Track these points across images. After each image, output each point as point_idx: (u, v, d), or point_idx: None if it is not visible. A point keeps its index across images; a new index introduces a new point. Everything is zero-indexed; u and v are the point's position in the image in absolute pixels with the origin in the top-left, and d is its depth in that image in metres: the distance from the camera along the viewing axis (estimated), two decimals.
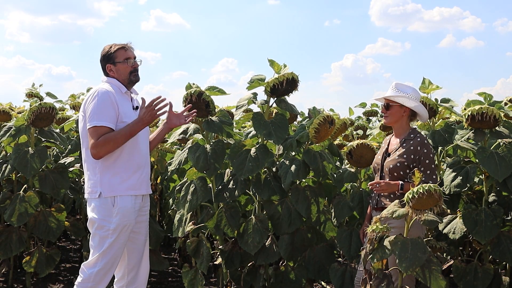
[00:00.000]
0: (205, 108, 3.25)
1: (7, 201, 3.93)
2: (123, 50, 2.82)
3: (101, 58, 2.85)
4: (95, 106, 2.66)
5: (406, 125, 2.93)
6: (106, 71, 2.83)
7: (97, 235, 2.71)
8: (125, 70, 2.82)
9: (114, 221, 2.68)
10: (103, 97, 2.67)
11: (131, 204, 2.74)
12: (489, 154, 3.08)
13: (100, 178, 2.70)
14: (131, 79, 2.85)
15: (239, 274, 3.47)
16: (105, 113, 2.66)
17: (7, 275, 4.33)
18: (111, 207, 2.69)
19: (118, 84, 2.81)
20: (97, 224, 2.70)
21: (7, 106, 4.87)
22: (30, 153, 3.83)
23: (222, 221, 3.31)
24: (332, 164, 3.37)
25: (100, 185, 2.70)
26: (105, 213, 2.69)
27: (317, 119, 3.22)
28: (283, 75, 3.18)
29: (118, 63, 2.80)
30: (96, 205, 2.71)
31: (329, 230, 3.40)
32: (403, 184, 2.74)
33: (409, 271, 2.33)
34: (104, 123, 2.64)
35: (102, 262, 2.70)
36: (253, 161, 3.23)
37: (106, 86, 2.75)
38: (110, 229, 2.68)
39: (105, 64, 2.83)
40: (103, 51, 2.83)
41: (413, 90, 2.91)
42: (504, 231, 3.20)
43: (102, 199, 2.69)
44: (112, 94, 2.70)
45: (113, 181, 2.70)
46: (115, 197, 2.69)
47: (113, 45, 2.83)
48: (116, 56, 2.80)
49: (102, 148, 2.64)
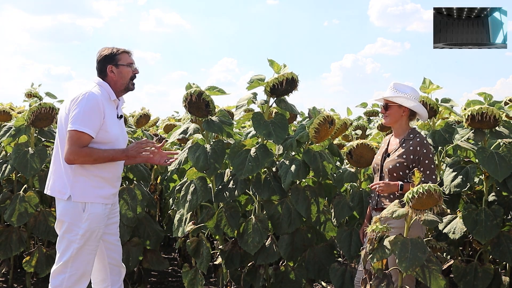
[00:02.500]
0: (205, 108, 3.26)
1: (7, 201, 3.93)
2: (127, 55, 2.79)
3: (101, 58, 2.76)
4: (81, 110, 2.58)
5: (406, 125, 2.93)
6: (106, 72, 2.75)
7: (65, 238, 2.64)
8: (127, 74, 2.77)
9: (83, 227, 2.61)
10: (92, 102, 2.59)
11: (101, 210, 2.68)
12: (489, 154, 3.08)
13: (72, 181, 2.63)
14: (129, 86, 2.80)
15: (239, 274, 3.47)
16: (91, 119, 2.58)
17: (7, 275, 4.33)
18: (81, 212, 2.62)
19: (109, 90, 2.72)
20: (65, 227, 2.63)
21: (8, 106, 4.87)
22: (30, 153, 3.83)
23: (222, 221, 3.31)
24: (332, 164, 3.37)
25: (70, 188, 2.62)
26: (74, 217, 2.62)
27: (317, 119, 3.22)
28: (283, 75, 3.18)
29: (122, 66, 2.75)
30: (66, 207, 2.63)
31: (329, 230, 3.40)
32: (403, 185, 2.74)
33: (409, 271, 2.33)
34: (86, 130, 2.56)
35: (73, 268, 2.63)
36: (253, 161, 3.23)
37: (96, 89, 2.67)
38: (78, 234, 2.61)
39: (106, 65, 2.74)
40: (105, 51, 2.76)
41: (412, 89, 2.90)
42: (504, 231, 3.20)
43: (71, 202, 2.62)
44: (101, 101, 2.63)
45: (86, 187, 2.64)
46: (85, 203, 2.63)
47: (114, 48, 2.77)
48: (120, 59, 2.75)
49: (80, 159, 2.58)
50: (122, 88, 2.79)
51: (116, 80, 2.75)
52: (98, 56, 2.78)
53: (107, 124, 2.65)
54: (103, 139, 2.65)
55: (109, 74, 2.75)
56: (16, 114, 4.33)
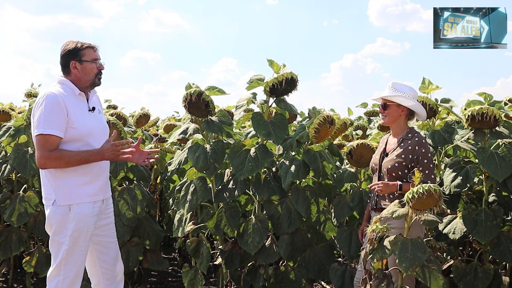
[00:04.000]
0: (204, 108, 3.25)
1: (7, 201, 3.93)
2: (92, 50, 2.66)
3: (65, 53, 2.63)
4: (42, 112, 2.49)
5: (404, 125, 2.92)
6: (69, 68, 2.63)
7: (54, 241, 2.61)
8: (92, 70, 2.65)
9: (70, 227, 2.56)
10: (51, 102, 2.49)
11: (89, 209, 2.62)
12: (489, 154, 3.08)
13: (54, 185, 2.57)
14: (95, 82, 2.69)
15: (239, 274, 3.47)
16: (53, 120, 2.49)
17: (7, 275, 4.33)
18: (67, 213, 2.57)
19: (71, 85, 2.62)
20: (53, 230, 2.60)
21: (7, 106, 4.87)
22: (29, 153, 3.83)
23: (222, 221, 3.31)
24: (332, 164, 3.37)
25: (54, 192, 2.57)
26: (60, 219, 2.57)
27: (317, 119, 3.22)
28: (282, 75, 3.18)
29: (86, 62, 2.63)
30: (52, 211, 2.58)
31: (329, 230, 3.40)
32: (402, 185, 2.73)
33: (409, 271, 2.33)
34: (52, 131, 2.48)
35: (66, 270, 2.60)
36: (252, 161, 3.23)
37: (56, 88, 2.57)
38: (67, 235, 2.56)
39: (69, 61, 2.62)
40: (67, 46, 2.63)
41: (410, 89, 2.89)
42: (504, 231, 3.20)
43: (56, 207, 2.57)
44: (61, 98, 2.52)
45: (70, 188, 2.58)
46: (71, 205, 2.57)
47: (79, 42, 2.64)
48: (83, 54, 2.63)
49: (52, 163, 2.52)
50: (87, 85, 2.68)
51: (80, 77, 2.65)
52: (61, 50, 2.66)
53: (75, 121, 2.55)
54: (73, 136, 2.56)
55: (73, 71, 2.64)
56: (16, 114, 4.33)
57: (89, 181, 2.63)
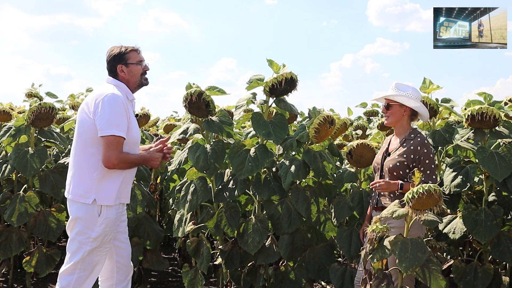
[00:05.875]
0: (205, 108, 3.26)
1: (7, 201, 3.93)
2: (135, 52, 2.77)
3: (110, 58, 2.75)
4: (112, 113, 2.56)
5: (407, 125, 2.93)
6: (117, 72, 2.75)
7: (76, 240, 2.64)
8: (137, 72, 2.76)
9: (96, 230, 2.62)
10: (118, 103, 2.58)
11: (115, 214, 2.70)
12: (489, 154, 3.08)
13: (97, 185, 2.62)
14: (142, 82, 2.80)
15: (239, 274, 3.47)
16: (122, 122, 2.58)
17: (7, 275, 4.33)
18: (96, 216, 2.62)
19: (126, 89, 2.74)
20: (78, 229, 2.63)
21: (7, 106, 4.88)
22: (30, 153, 3.83)
23: (222, 221, 3.31)
24: (332, 164, 3.37)
25: (95, 191, 2.62)
26: (89, 221, 2.62)
27: (317, 119, 3.22)
28: (282, 75, 3.18)
29: (131, 65, 2.75)
30: (82, 209, 2.62)
31: (329, 230, 3.40)
32: (403, 184, 2.74)
33: (409, 271, 2.33)
34: (122, 133, 2.57)
35: (81, 269, 2.63)
36: (252, 161, 3.23)
37: (116, 91, 2.66)
38: (91, 237, 2.61)
39: (116, 64, 2.74)
40: (113, 51, 2.75)
41: (413, 89, 2.90)
42: (504, 231, 3.20)
43: (90, 206, 2.61)
44: (124, 101, 2.63)
45: (112, 190, 2.65)
46: (105, 206, 2.63)
47: (123, 47, 2.76)
48: (129, 57, 2.74)
49: (121, 164, 2.60)
50: (135, 86, 2.80)
51: (128, 79, 2.76)
52: (107, 56, 2.77)
53: (131, 125, 2.67)
54: (128, 140, 2.65)
55: (120, 74, 2.75)
56: (17, 114, 4.34)
57: (125, 187, 2.74)
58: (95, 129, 2.59)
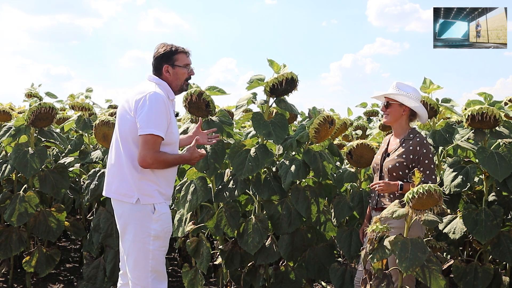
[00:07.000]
0: (205, 108, 3.26)
1: (7, 201, 3.93)
2: (185, 55, 2.66)
3: (159, 55, 2.62)
4: (153, 112, 2.46)
5: (406, 125, 2.93)
6: (162, 71, 2.63)
7: (136, 242, 2.56)
8: (183, 75, 2.66)
9: (154, 227, 2.54)
10: (159, 102, 2.49)
11: (168, 209, 2.63)
12: (489, 154, 3.08)
13: (138, 184, 2.54)
14: (183, 87, 2.70)
15: (239, 274, 3.47)
16: (162, 121, 2.49)
17: (7, 275, 4.33)
18: (150, 214, 2.54)
19: (167, 88, 2.62)
20: (134, 231, 2.55)
21: (7, 106, 4.87)
22: (30, 153, 3.83)
23: (222, 221, 3.31)
24: (332, 164, 3.37)
25: (137, 190, 2.53)
26: (143, 220, 2.54)
27: (317, 119, 3.22)
28: (283, 75, 3.18)
29: (178, 67, 2.63)
30: (132, 210, 2.55)
31: (329, 230, 3.40)
32: (403, 185, 2.73)
33: (409, 271, 2.33)
34: (161, 133, 2.47)
35: (153, 271, 2.57)
36: (252, 161, 3.23)
37: (158, 89, 2.55)
38: (151, 236, 2.54)
39: (162, 63, 2.62)
40: (161, 49, 2.63)
41: (414, 90, 2.90)
42: (504, 231, 3.20)
43: (139, 205, 2.54)
44: (166, 100, 2.53)
45: (153, 190, 2.56)
46: (154, 204, 2.55)
47: (173, 46, 2.64)
48: (177, 59, 2.63)
49: (156, 164, 2.49)
50: (177, 89, 2.69)
51: (171, 81, 2.65)
52: (155, 52, 2.66)
53: (171, 126, 2.57)
54: (168, 140, 2.57)
55: (164, 74, 2.64)
56: (16, 114, 4.33)
57: (167, 187, 2.65)
58: (135, 127, 2.50)
